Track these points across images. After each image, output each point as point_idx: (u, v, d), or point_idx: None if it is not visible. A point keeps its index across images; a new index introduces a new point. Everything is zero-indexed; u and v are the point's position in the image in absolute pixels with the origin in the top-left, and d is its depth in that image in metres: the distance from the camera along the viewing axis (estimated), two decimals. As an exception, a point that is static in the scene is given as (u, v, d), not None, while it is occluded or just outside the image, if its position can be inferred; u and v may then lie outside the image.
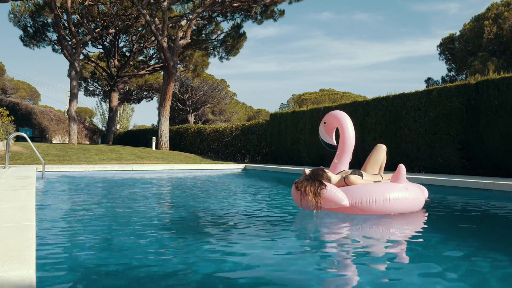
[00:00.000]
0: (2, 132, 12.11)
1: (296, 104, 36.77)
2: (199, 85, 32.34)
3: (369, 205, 3.26)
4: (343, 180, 3.55)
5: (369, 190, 3.34)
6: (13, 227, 2.10)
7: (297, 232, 3.12)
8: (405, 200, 3.35)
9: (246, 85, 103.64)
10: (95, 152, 13.10)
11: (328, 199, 3.30)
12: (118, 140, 28.00)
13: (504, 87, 6.94)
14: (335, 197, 3.29)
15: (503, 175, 6.93)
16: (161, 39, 16.62)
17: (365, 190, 3.34)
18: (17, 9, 21.64)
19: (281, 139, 12.92)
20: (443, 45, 27.24)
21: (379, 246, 2.52)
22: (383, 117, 9.21)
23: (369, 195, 3.28)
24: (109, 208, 3.94)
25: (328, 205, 3.36)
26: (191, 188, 6.33)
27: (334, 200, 3.29)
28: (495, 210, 4.25)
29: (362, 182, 3.51)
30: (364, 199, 3.28)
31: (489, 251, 2.44)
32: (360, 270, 2.01)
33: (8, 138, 7.61)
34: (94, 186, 6.36)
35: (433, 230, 3.13)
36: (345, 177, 3.56)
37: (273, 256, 2.23)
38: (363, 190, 3.34)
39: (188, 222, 3.29)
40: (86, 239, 2.59)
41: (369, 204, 3.26)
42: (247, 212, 3.86)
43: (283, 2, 18.32)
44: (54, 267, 1.97)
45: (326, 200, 3.31)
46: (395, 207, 3.32)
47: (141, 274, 1.90)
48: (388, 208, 3.30)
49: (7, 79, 41.88)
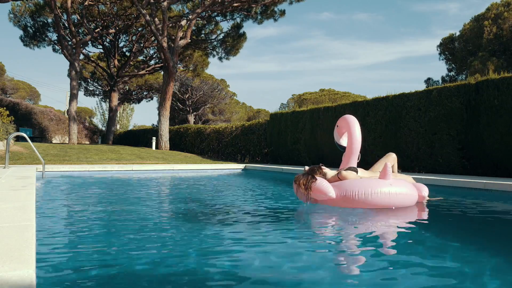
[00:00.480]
0: (2, 132, 12.11)
1: (296, 104, 36.78)
2: (199, 85, 32.34)
3: (353, 197, 3.59)
4: (337, 175, 3.90)
5: (355, 184, 3.67)
6: (13, 227, 2.10)
7: (297, 231, 3.12)
8: (387, 194, 3.61)
9: (246, 85, 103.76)
10: (95, 152, 13.10)
11: (317, 190, 3.72)
12: (118, 140, 28.00)
13: (504, 87, 6.94)
14: (323, 189, 3.69)
15: (503, 175, 6.93)
16: (161, 39, 16.62)
17: (352, 184, 3.69)
18: (17, 9, 21.63)
19: (281, 139, 12.92)
20: (443, 45, 27.24)
21: (373, 246, 2.52)
22: (383, 117, 9.21)
23: (353, 189, 3.61)
24: (109, 208, 3.94)
25: (318, 197, 3.77)
26: (191, 188, 6.33)
27: (322, 191, 3.69)
28: (495, 210, 4.25)
29: (354, 177, 3.83)
30: (348, 192, 3.61)
31: (489, 251, 2.44)
32: (355, 269, 2.01)
33: (8, 138, 7.61)
34: (94, 186, 6.36)
35: (433, 230, 3.13)
36: (338, 172, 3.91)
37: (271, 255, 2.23)
38: (350, 184, 3.70)
39: (188, 222, 3.29)
40: (86, 239, 2.59)
41: (352, 197, 3.59)
42: (247, 211, 3.86)
43: (283, 2, 18.33)
44: (54, 267, 1.97)
45: (316, 191, 3.73)
46: (377, 201, 3.61)
47: (141, 274, 1.90)
48: (370, 201, 3.59)
49: (7, 79, 41.88)
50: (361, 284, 1.80)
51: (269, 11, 19.01)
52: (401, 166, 8.89)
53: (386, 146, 9.09)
